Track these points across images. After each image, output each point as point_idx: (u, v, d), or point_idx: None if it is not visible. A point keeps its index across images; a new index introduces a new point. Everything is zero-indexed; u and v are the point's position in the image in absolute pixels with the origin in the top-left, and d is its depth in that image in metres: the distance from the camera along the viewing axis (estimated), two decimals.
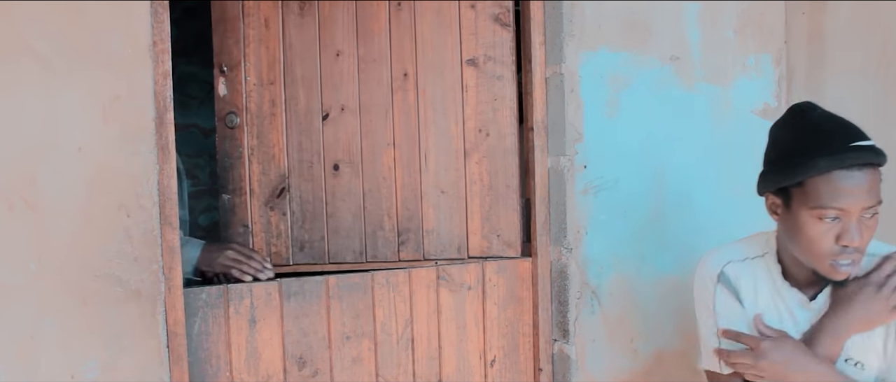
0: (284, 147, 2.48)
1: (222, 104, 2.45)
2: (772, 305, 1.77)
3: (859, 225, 1.58)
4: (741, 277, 1.79)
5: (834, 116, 1.66)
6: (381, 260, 2.50)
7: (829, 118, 1.66)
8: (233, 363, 2.21)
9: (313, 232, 2.47)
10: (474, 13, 2.49)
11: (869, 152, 1.57)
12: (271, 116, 2.46)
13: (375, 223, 2.50)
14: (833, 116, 1.66)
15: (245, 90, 2.45)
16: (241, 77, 2.44)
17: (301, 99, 2.47)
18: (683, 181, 2.57)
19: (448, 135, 2.51)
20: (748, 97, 2.66)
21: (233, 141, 2.45)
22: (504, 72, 2.51)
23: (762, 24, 2.68)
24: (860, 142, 1.58)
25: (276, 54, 2.45)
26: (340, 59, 2.47)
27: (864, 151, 1.57)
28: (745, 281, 1.79)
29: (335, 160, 2.48)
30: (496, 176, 2.52)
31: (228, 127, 2.44)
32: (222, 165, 2.46)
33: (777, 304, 1.76)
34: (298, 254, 2.49)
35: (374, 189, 2.49)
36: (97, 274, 1.96)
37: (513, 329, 2.52)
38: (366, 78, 2.48)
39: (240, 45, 2.43)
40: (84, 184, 1.95)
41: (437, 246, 2.52)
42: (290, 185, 2.48)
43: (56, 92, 1.92)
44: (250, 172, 2.48)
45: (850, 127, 1.63)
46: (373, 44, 2.48)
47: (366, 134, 2.50)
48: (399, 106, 2.49)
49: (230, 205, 2.48)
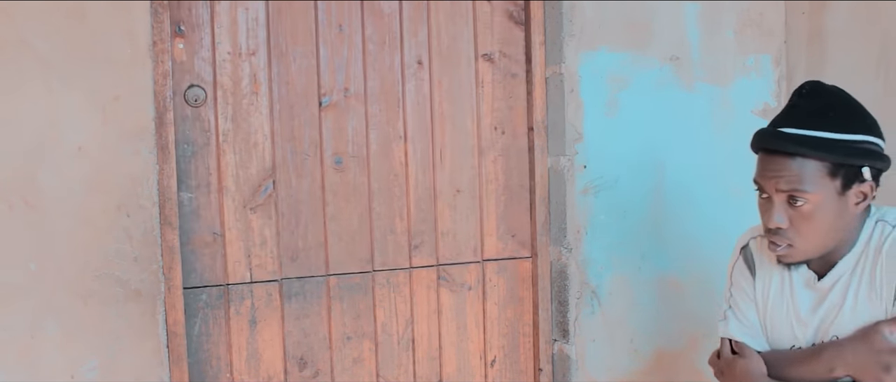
0: (269, 134, 2.19)
1: (180, 74, 2.09)
2: (779, 280, 1.78)
3: (785, 210, 1.62)
4: (765, 250, 1.80)
5: (814, 98, 1.67)
6: (391, 268, 2.34)
7: (804, 97, 1.67)
8: (233, 364, 2.21)
9: (308, 238, 2.26)
10: (490, 7, 2.44)
11: (789, 141, 1.60)
12: (252, 95, 2.15)
13: (385, 226, 2.34)
14: (812, 98, 1.67)
15: (215, 59, 2.12)
16: (211, 42, 2.11)
17: (293, 77, 2.19)
18: (683, 181, 2.57)
19: (465, 132, 2.42)
20: (748, 97, 2.66)
21: (197, 122, 2.11)
22: (518, 70, 2.48)
23: (762, 24, 2.68)
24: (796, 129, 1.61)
25: (258, 18, 2.16)
26: (343, 34, 2.26)
27: (783, 139, 1.61)
28: (767, 253, 1.80)
29: (337, 153, 2.28)
30: (511, 175, 2.48)
31: (191, 104, 2.08)
32: (180, 154, 2.10)
33: (784, 280, 1.77)
34: (289, 266, 2.22)
35: (383, 187, 2.34)
36: (97, 274, 1.96)
37: (513, 330, 2.52)
38: (373, 61, 2.29)
39: (206, 1, 2.10)
40: (84, 184, 1.95)
41: (453, 250, 2.42)
42: (278, 181, 2.22)
43: (56, 92, 1.92)
44: (222, 164, 2.15)
45: (809, 111, 1.63)
46: (382, 23, 2.30)
47: (374, 124, 2.31)
48: (412, 96, 2.35)
49: (192, 206, 2.15)
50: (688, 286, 2.59)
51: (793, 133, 1.62)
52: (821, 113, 1.63)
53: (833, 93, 1.68)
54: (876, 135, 1.64)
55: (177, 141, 2.08)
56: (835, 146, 1.59)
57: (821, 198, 1.59)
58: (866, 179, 1.61)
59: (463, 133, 2.42)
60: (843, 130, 1.60)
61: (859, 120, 1.63)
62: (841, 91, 1.70)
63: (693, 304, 2.60)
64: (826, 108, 1.64)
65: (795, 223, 1.62)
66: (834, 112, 1.63)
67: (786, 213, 1.62)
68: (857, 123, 1.62)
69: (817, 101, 1.65)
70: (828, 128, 1.60)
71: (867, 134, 1.62)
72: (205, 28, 2.12)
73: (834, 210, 1.61)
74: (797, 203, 1.60)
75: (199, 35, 2.12)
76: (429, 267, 2.41)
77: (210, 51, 2.13)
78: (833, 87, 1.70)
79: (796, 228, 1.62)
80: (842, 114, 1.63)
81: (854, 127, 1.61)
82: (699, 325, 2.59)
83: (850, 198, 1.61)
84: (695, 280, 2.59)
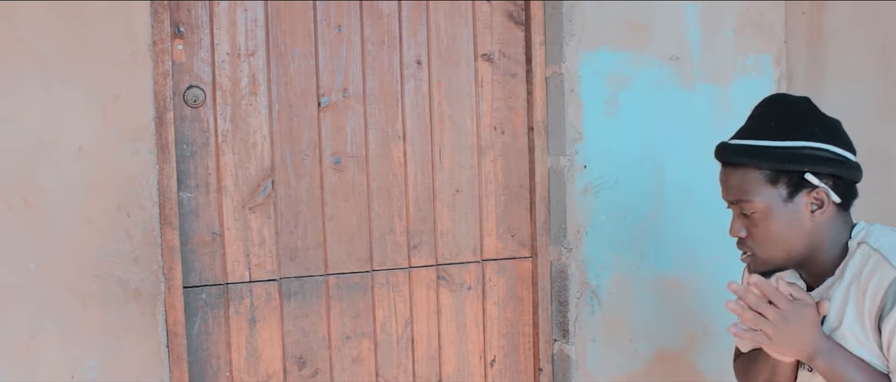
0: (268, 134, 2.19)
1: (180, 75, 2.09)
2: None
3: (742, 220, 1.65)
4: None
5: (767, 109, 1.68)
6: (390, 268, 2.35)
7: (760, 109, 1.69)
8: (233, 363, 2.21)
9: (307, 238, 2.26)
10: (489, 7, 2.44)
11: (731, 152, 1.64)
12: (251, 96, 2.16)
13: (384, 225, 2.34)
14: (766, 109, 1.68)
15: (215, 60, 2.13)
16: (210, 43, 2.12)
17: (292, 77, 2.20)
18: (683, 181, 2.57)
19: (464, 131, 2.42)
20: (748, 97, 2.64)
21: (196, 123, 2.12)
22: (518, 70, 2.49)
23: (762, 24, 2.68)
24: (743, 140, 1.64)
25: (257, 19, 2.18)
26: (342, 35, 2.26)
27: (725, 150, 1.66)
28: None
29: (336, 153, 2.29)
30: (510, 175, 2.49)
31: (190, 105, 2.09)
32: (179, 154, 2.10)
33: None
34: (289, 265, 2.23)
35: (382, 187, 2.34)
36: (97, 274, 1.97)
37: (513, 329, 2.52)
38: (372, 61, 2.30)
39: (205, 2, 2.11)
40: (84, 184, 1.95)
41: (452, 250, 2.42)
42: (277, 181, 2.23)
43: (56, 92, 1.92)
44: (221, 164, 2.16)
45: (760, 122, 1.65)
46: (381, 24, 2.31)
47: (373, 124, 2.31)
48: (411, 96, 2.36)
49: (191, 206, 2.16)
50: (688, 286, 2.60)
51: (734, 144, 1.66)
52: (766, 123, 1.65)
53: (789, 104, 1.68)
54: (824, 140, 1.60)
55: (176, 141, 2.08)
56: (769, 153, 1.60)
57: (766, 206, 1.60)
58: (816, 185, 1.59)
59: (462, 133, 2.42)
60: (781, 138, 1.60)
61: (802, 127, 1.62)
62: (801, 101, 1.68)
63: (693, 304, 2.60)
64: (771, 118, 1.65)
65: (751, 232, 1.64)
66: (777, 121, 1.63)
67: (743, 223, 1.65)
68: (799, 130, 1.61)
69: (769, 112, 1.67)
70: (766, 136, 1.62)
71: (810, 140, 1.60)
72: (204, 29, 2.13)
73: (785, 217, 1.61)
74: (746, 212, 1.63)
75: (198, 36, 2.13)
76: (428, 267, 2.41)
77: (209, 51, 2.14)
78: (796, 99, 1.70)
79: (752, 237, 1.64)
80: (785, 122, 1.63)
81: (794, 134, 1.60)
82: (699, 325, 2.59)
83: (801, 206, 1.60)
84: (695, 279, 2.59)
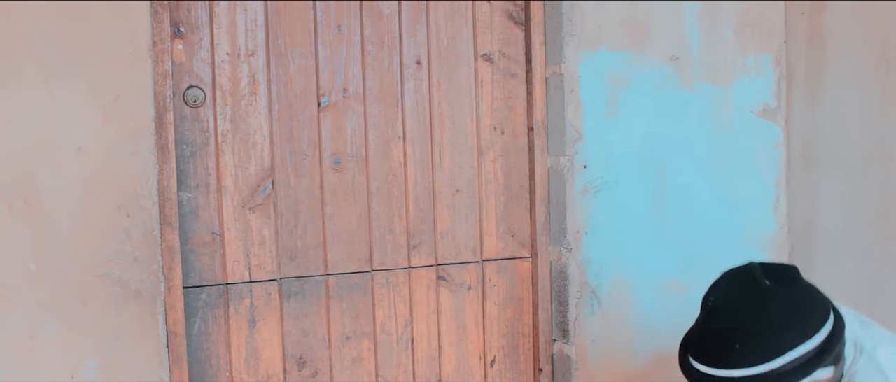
0: (268, 134, 2.19)
1: (180, 75, 2.08)
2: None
3: None
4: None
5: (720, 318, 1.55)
6: (390, 268, 2.34)
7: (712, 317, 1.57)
8: (233, 363, 2.21)
9: (307, 238, 2.26)
10: (489, 8, 2.44)
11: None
12: (251, 96, 2.15)
13: (384, 226, 2.34)
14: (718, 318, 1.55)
15: (214, 60, 2.12)
16: (210, 43, 2.12)
17: (291, 77, 2.19)
18: (683, 181, 2.57)
19: (464, 132, 2.42)
20: (748, 97, 2.66)
21: (196, 123, 2.11)
22: (518, 70, 2.48)
23: (762, 24, 2.67)
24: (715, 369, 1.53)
25: (257, 19, 2.17)
26: (342, 35, 2.26)
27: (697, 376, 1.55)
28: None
29: (336, 153, 2.28)
30: (510, 175, 2.48)
31: (190, 105, 2.08)
32: (179, 154, 2.09)
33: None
34: (288, 265, 2.22)
35: (382, 187, 2.34)
36: (97, 274, 1.97)
37: (513, 330, 2.52)
38: (372, 61, 2.30)
39: (205, 2, 2.10)
40: (84, 184, 1.95)
41: (452, 250, 2.42)
42: (276, 181, 2.22)
43: (56, 92, 1.92)
44: (221, 164, 2.15)
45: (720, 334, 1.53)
46: (381, 24, 2.30)
47: (372, 124, 2.31)
48: (411, 96, 2.36)
49: (191, 206, 2.15)
50: (688, 286, 2.59)
51: (717, 375, 1.52)
52: (729, 344, 1.51)
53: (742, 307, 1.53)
54: (800, 338, 1.48)
55: (176, 141, 2.08)
56: (765, 379, 1.46)
57: None
58: (820, 378, 1.49)
59: (462, 133, 2.42)
60: (765, 358, 1.47)
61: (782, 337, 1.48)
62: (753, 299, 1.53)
63: (693, 304, 2.59)
64: (730, 337, 1.51)
65: None
66: (740, 342, 1.49)
67: None
68: (781, 342, 1.47)
69: (724, 322, 1.54)
70: (738, 363, 1.48)
71: (787, 350, 1.47)
72: (204, 29, 2.13)
73: None
74: None
75: (198, 36, 2.13)
76: (428, 267, 2.41)
77: (209, 52, 2.14)
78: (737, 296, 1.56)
79: None
80: (758, 338, 1.48)
81: (770, 352, 1.47)
82: None
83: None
84: (695, 280, 2.59)
